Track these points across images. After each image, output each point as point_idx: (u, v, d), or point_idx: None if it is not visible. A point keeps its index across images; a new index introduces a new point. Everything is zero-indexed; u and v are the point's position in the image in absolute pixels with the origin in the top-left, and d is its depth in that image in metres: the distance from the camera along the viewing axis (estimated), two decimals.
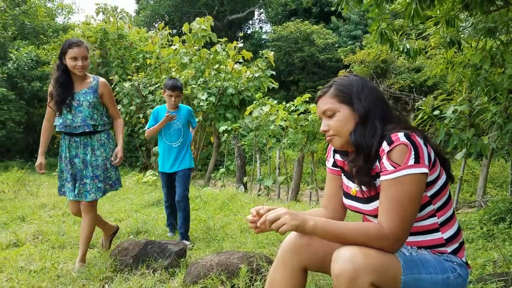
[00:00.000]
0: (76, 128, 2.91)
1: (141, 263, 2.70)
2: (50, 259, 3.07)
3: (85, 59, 2.88)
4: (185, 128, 3.70)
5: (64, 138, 2.98)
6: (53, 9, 17.59)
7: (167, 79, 3.71)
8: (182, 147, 3.65)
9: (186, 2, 23.05)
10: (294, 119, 5.92)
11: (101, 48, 11.66)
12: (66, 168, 2.97)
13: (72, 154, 2.95)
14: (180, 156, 3.63)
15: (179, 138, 3.64)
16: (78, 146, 2.95)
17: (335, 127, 1.51)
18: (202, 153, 9.61)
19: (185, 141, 3.67)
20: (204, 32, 8.61)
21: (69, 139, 2.96)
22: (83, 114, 2.91)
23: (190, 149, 3.73)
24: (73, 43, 2.84)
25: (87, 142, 2.97)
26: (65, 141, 2.97)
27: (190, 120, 3.78)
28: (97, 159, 2.97)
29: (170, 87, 3.56)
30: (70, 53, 2.82)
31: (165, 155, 3.66)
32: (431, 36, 5.34)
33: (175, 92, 3.57)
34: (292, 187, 6.22)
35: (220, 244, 3.37)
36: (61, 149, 3.02)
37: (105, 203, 5.52)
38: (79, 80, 2.95)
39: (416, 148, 1.35)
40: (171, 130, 3.63)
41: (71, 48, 2.82)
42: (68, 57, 2.83)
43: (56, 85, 2.88)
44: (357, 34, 18.58)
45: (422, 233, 1.48)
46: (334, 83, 1.55)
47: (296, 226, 1.39)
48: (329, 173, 1.74)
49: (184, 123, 3.69)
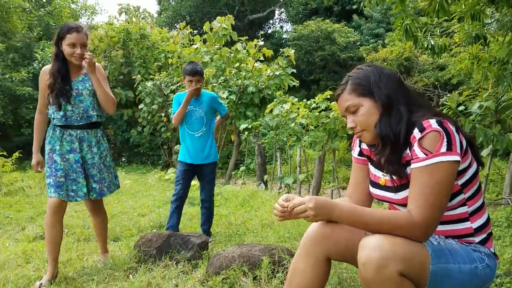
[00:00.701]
0: (77, 120, 2.63)
1: (164, 255, 2.74)
2: (75, 251, 3.15)
3: (84, 46, 2.58)
4: (209, 116, 3.40)
5: (55, 130, 2.64)
6: (77, 10, 18.00)
7: (186, 64, 3.40)
8: (205, 137, 3.37)
9: (207, 3, 23.21)
10: (315, 116, 5.88)
11: (124, 48, 11.86)
12: (49, 161, 2.63)
13: (66, 149, 2.63)
14: (204, 147, 3.36)
15: (202, 127, 3.36)
16: (74, 140, 2.64)
17: (361, 122, 1.49)
18: (222, 151, 9.66)
19: (208, 130, 3.39)
20: (225, 31, 8.65)
21: (63, 132, 2.63)
22: (84, 104, 2.64)
23: (214, 139, 3.46)
24: (72, 28, 2.55)
25: (83, 137, 2.67)
26: (55, 133, 2.64)
27: (216, 108, 3.48)
28: (93, 157, 2.70)
29: (190, 72, 3.28)
30: (69, 38, 2.53)
31: (187, 145, 3.37)
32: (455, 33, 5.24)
33: (195, 77, 3.28)
34: (313, 186, 6.19)
35: (241, 238, 3.40)
36: (46, 141, 2.67)
37: (129, 199, 5.62)
38: (74, 67, 2.65)
39: (448, 135, 1.32)
40: (193, 119, 3.35)
41: (69, 34, 2.53)
42: (65, 43, 2.54)
43: (59, 77, 2.57)
44: (379, 32, 18.34)
45: (452, 222, 1.45)
46: (350, 78, 1.53)
47: (320, 220, 1.38)
48: (355, 163, 1.72)
49: (207, 111, 3.38)
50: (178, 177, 3.39)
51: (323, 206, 1.37)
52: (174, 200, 3.35)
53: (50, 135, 2.66)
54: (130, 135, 11.95)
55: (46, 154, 2.65)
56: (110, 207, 4.92)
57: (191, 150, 3.36)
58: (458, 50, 7.74)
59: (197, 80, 3.28)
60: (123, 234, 3.70)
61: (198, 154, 3.35)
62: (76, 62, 2.57)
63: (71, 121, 2.62)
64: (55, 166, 2.60)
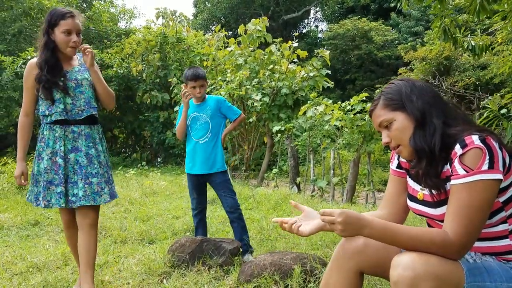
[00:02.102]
0: (80, 113, 2.36)
1: (197, 260, 2.78)
2: (112, 254, 3.25)
3: (79, 33, 2.34)
4: (215, 122, 3.09)
5: (53, 128, 2.34)
6: (116, 14, 18.50)
7: (186, 69, 3.11)
8: (209, 144, 3.06)
9: (242, 4, 23.37)
10: (350, 119, 5.79)
11: (161, 52, 12.13)
12: (54, 167, 2.31)
13: (68, 148, 2.34)
14: (209, 156, 3.05)
15: (206, 133, 3.06)
16: (77, 137, 2.36)
17: (395, 136, 1.47)
18: (255, 153, 9.70)
19: (213, 137, 3.07)
20: (259, 33, 8.67)
21: (64, 130, 2.34)
22: (86, 95, 2.38)
23: (221, 147, 3.12)
24: (67, 13, 2.28)
25: (89, 132, 2.40)
26: (53, 132, 2.33)
27: (224, 112, 3.16)
28: (99, 156, 2.43)
29: (192, 76, 3.00)
30: (63, 25, 2.26)
31: (191, 153, 3.11)
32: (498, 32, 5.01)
33: (198, 82, 3.01)
34: (347, 189, 6.09)
35: (273, 244, 3.39)
36: (43, 143, 2.35)
37: (163, 201, 5.74)
38: (65, 57, 2.39)
39: (491, 152, 1.28)
40: (198, 125, 3.08)
41: (64, 19, 2.26)
42: (59, 30, 2.27)
43: (46, 67, 2.28)
44: (418, 30, 17.85)
45: (490, 239, 1.40)
46: (382, 93, 1.52)
47: (348, 236, 1.35)
48: (393, 175, 1.68)
49: (213, 116, 3.08)
50: (190, 191, 3.21)
51: (352, 223, 1.33)
52: (195, 215, 3.21)
53: (47, 137, 2.34)
54: (166, 136, 12.22)
55: (46, 159, 2.32)
56: (145, 209, 5.05)
57: (194, 160, 3.10)
58: (501, 49, 7.40)
59: (200, 85, 3.03)
60: (158, 237, 3.78)
61: (203, 163, 3.06)
62: (70, 53, 2.34)
63: (72, 115, 2.34)
64: (61, 171, 2.30)
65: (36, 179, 2.36)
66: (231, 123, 3.26)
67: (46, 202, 2.30)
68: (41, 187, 2.31)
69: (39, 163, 2.34)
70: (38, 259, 3.07)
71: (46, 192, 2.30)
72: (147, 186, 6.77)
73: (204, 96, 3.13)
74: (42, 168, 2.32)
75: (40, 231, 4.17)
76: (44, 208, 2.54)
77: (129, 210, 4.99)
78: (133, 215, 4.66)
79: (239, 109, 3.38)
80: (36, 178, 2.36)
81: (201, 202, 3.19)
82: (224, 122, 3.22)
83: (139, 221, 4.42)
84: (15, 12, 12.48)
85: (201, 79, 3.02)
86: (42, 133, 2.36)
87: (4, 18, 12.32)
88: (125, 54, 12.86)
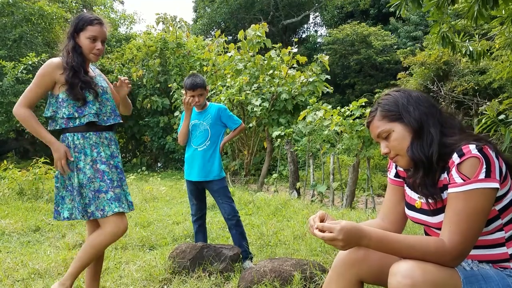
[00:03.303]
0: (105, 120, 2.31)
1: (197, 266, 2.79)
2: (113, 260, 3.26)
3: (104, 42, 2.31)
4: (214, 130, 3.11)
5: (87, 136, 2.24)
6: (116, 20, 18.56)
7: (186, 77, 3.10)
8: (208, 151, 3.08)
9: (241, 9, 23.47)
10: (349, 124, 5.82)
11: (161, 57, 12.19)
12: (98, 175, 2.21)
13: (107, 154, 2.29)
14: (206, 162, 3.07)
15: (205, 141, 3.08)
16: (110, 143, 2.33)
17: (394, 147, 1.49)
18: (255, 158, 9.72)
19: (212, 144, 3.10)
20: (259, 39, 8.73)
21: (99, 136, 2.28)
22: (111, 103, 2.37)
23: (219, 155, 3.13)
24: (95, 19, 2.24)
25: (116, 139, 2.40)
26: (88, 140, 2.24)
27: (224, 121, 3.17)
28: (121, 162, 2.40)
29: (190, 86, 3.00)
30: (90, 30, 2.23)
31: (190, 160, 3.13)
32: (496, 37, 5.04)
33: (196, 91, 3.01)
34: (346, 194, 6.11)
35: (273, 250, 3.40)
36: (77, 153, 2.21)
37: (164, 206, 5.75)
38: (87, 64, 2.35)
39: (488, 161, 1.31)
40: (198, 132, 3.11)
41: (92, 25, 2.23)
42: (85, 35, 2.23)
43: (81, 70, 2.23)
44: (417, 35, 17.92)
45: (486, 247, 1.42)
46: (379, 104, 1.54)
47: (349, 248, 1.37)
48: (391, 183, 1.70)
49: (213, 124, 3.10)
50: (189, 197, 3.25)
51: (352, 236, 1.34)
52: (194, 221, 3.23)
53: (82, 145, 2.22)
54: (166, 141, 12.25)
55: (88, 168, 2.21)
56: (146, 214, 5.07)
57: (192, 166, 3.12)
58: (500, 54, 7.43)
59: (199, 94, 3.03)
60: (158, 243, 3.79)
61: (200, 170, 3.07)
62: (93, 59, 2.29)
63: (102, 121, 2.29)
64: (107, 176, 2.23)
65: (78, 191, 2.18)
66: (231, 132, 3.28)
67: (101, 211, 2.18)
68: (89, 198, 2.19)
69: (78, 175, 2.19)
70: (39, 265, 3.08)
71: (97, 202, 2.19)
72: (147, 192, 6.78)
73: (205, 104, 3.14)
74: (85, 179, 2.19)
75: (41, 237, 4.18)
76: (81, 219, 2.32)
77: (130, 215, 5.00)
78: (133, 221, 4.67)
79: (239, 114, 3.38)
80: (78, 191, 2.18)
81: (201, 208, 3.21)
82: (224, 131, 3.24)
83: (140, 227, 4.44)
84: (16, 17, 12.53)
85: (200, 88, 3.02)
86: (73, 143, 2.22)
87: (5, 23, 12.36)
88: (126, 59, 12.92)
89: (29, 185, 6.41)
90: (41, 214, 5.18)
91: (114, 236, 2.20)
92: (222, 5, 23.50)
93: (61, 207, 2.27)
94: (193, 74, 3.12)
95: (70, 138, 2.22)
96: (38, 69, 2.26)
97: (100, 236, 2.20)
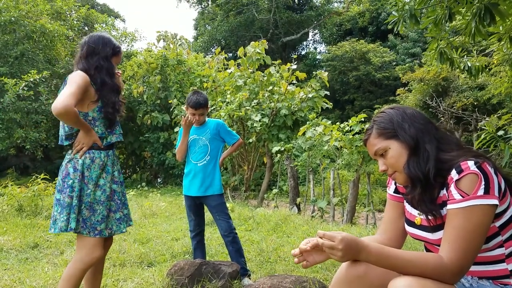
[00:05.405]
0: (115, 138, 2.36)
1: (196, 283, 2.76)
2: (111, 277, 3.22)
3: None
4: (214, 145, 3.12)
5: (108, 154, 2.29)
6: (117, 37, 18.76)
7: (190, 94, 3.11)
8: (207, 166, 3.08)
9: (241, 27, 23.73)
10: (349, 139, 5.83)
11: (162, 74, 12.28)
12: (110, 194, 2.25)
13: (115, 170, 2.34)
14: (206, 177, 3.07)
15: (205, 156, 3.09)
16: (116, 160, 2.37)
17: (391, 164, 1.50)
18: (255, 173, 9.70)
19: (212, 160, 3.10)
20: (259, 55, 8.81)
21: (112, 154, 2.32)
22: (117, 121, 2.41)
23: (219, 170, 3.14)
24: (120, 49, 2.36)
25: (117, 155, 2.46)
26: (109, 157, 2.29)
27: (223, 136, 3.18)
28: None
29: (193, 104, 3.03)
30: (118, 57, 2.36)
31: (190, 176, 3.13)
32: (494, 53, 5.09)
33: (199, 110, 3.05)
34: (347, 209, 6.08)
35: (272, 266, 3.37)
36: (100, 170, 2.23)
37: (163, 222, 5.72)
38: None
39: (486, 178, 1.31)
40: (197, 147, 3.12)
41: (120, 53, 2.37)
42: (115, 61, 2.34)
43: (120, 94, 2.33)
44: (415, 51, 18.11)
45: (486, 264, 1.41)
46: (374, 122, 1.55)
47: (346, 261, 1.36)
48: (390, 199, 1.70)
49: (212, 139, 3.12)
50: (187, 213, 3.24)
51: (352, 248, 1.34)
52: (193, 237, 3.21)
53: (105, 163, 2.25)
54: (166, 157, 12.25)
55: (108, 187, 2.23)
56: (145, 231, 5.03)
57: (192, 181, 3.11)
58: (498, 69, 7.50)
59: (200, 113, 3.06)
60: (157, 259, 3.75)
61: (200, 185, 3.07)
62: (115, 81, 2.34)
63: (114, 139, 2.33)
64: (117, 196, 2.28)
65: (91, 207, 2.16)
66: (230, 147, 3.29)
67: (110, 230, 2.20)
68: (100, 215, 2.17)
69: (95, 191, 2.18)
70: (37, 283, 3.04)
71: (108, 220, 2.20)
72: (147, 207, 6.75)
73: (204, 120, 3.16)
74: (103, 197, 2.19)
75: (39, 254, 4.14)
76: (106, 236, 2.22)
77: (128, 232, 4.96)
78: (132, 237, 4.63)
79: (239, 129, 3.39)
80: (92, 207, 2.16)
81: (199, 224, 3.20)
82: (223, 146, 3.24)
83: (138, 243, 4.40)
84: (18, 35, 12.67)
85: (202, 108, 3.06)
86: (100, 159, 2.22)
87: (6, 41, 12.49)
88: (127, 76, 13.02)
89: (28, 202, 6.37)
90: (39, 230, 5.14)
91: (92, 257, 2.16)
92: (222, 23, 23.80)
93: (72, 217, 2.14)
94: (196, 92, 3.12)
95: (97, 155, 2.22)
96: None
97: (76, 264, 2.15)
